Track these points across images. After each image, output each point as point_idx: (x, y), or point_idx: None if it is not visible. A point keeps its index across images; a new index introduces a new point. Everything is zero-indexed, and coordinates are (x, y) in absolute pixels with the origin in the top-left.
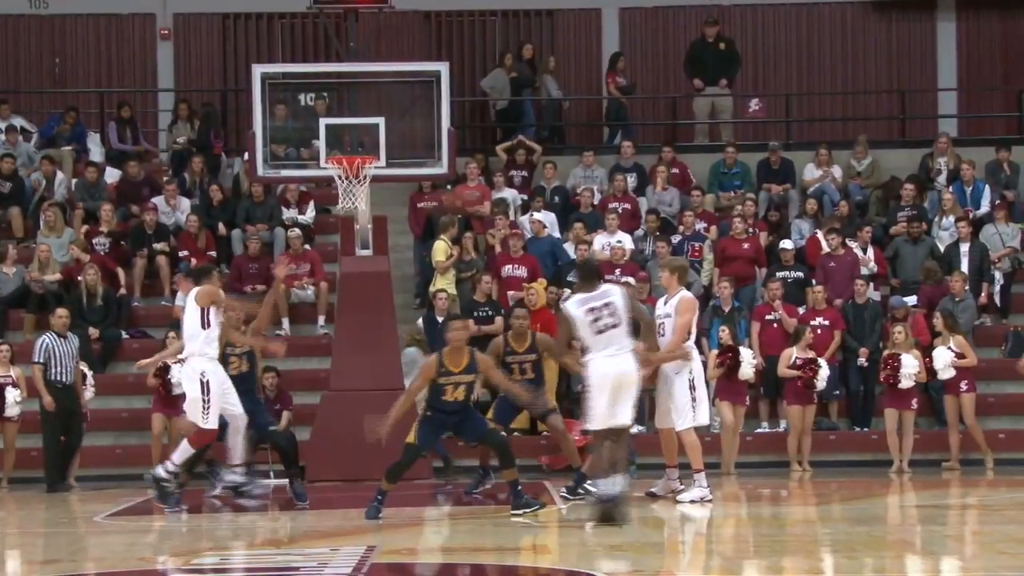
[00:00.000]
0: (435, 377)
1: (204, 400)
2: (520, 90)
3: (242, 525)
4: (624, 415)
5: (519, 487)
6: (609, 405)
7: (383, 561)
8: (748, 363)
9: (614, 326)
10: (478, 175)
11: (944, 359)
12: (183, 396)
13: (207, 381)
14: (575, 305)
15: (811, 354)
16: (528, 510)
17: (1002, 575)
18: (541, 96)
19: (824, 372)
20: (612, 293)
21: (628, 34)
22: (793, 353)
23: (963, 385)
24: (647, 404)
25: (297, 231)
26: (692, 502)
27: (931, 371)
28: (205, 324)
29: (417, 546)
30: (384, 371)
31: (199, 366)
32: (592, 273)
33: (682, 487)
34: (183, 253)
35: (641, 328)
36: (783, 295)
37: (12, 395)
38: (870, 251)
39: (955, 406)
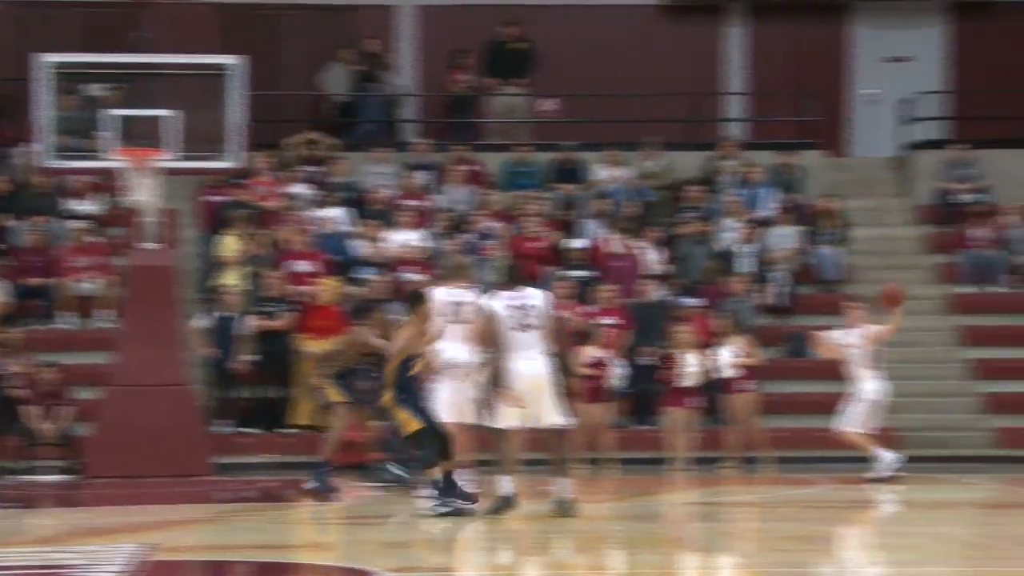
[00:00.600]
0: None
1: None
2: (363, 84)
3: (14, 522)
4: (552, 416)
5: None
6: (524, 406)
7: (161, 558)
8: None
9: (533, 328)
10: (268, 169)
11: (726, 358)
12: None
13: None
14: (499, 302)
15: (603, 353)
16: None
17: (776, 571)
18: (384, 91)
19: (617, 370)
20: (535, 296)
21: (424, 29)
22: (587, 352)
23: (744, 384)
24: None
25: (83, 223)
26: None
27: (711, 370)
28: None
29: (197, 543)
30: (168, 367)
31: None
32: (518, 274)
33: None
34: None
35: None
36: (572, 294)
37: None
38: (657, 251)
39: (736, 404)
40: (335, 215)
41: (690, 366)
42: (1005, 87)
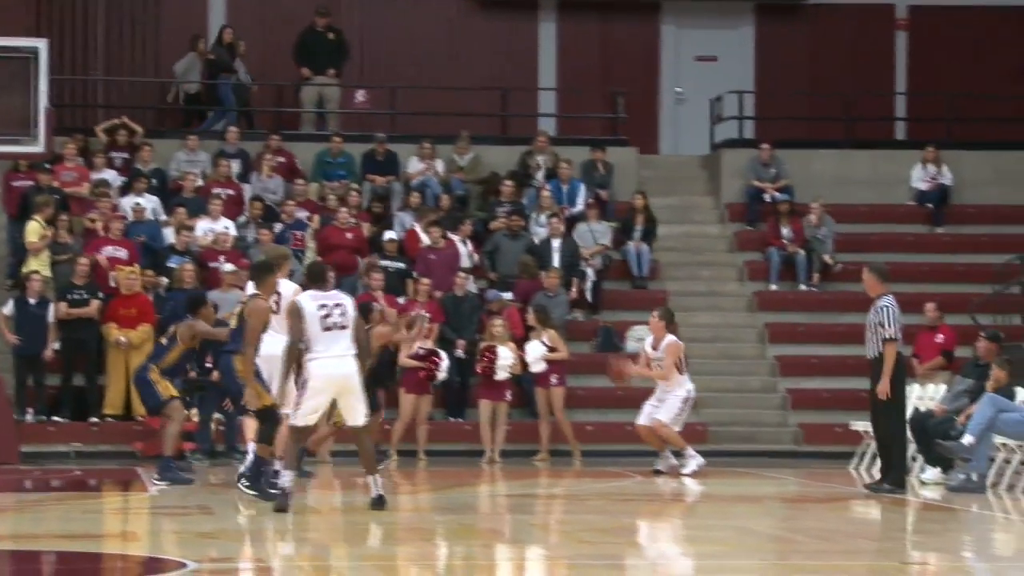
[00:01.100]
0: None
1: None
2: (217, 74)
3: None
4: (356, 417)
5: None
6: (323, 406)
7: None
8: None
9: (342, 327)
10: (76, 155)
11: (536, 352)
12: None
13: None
14: (307, 300)
15: (431, 344)
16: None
17: (583, 563)
18: (237, 80)
19: (446, 363)
20: (343, 297)
21: (235, 17)
22: (415, 344)
23: (553, 378)
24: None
25: None
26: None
27: (524, 364)
28: None
29: (2, 532)
30: None
31: None
32: (322, 273)
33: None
34: None
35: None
36: (384, 286)
37: None
38: (469, 245)
39: (546, 398)
40: (144, 202)
41: (504, 359)
42: (809, 88)
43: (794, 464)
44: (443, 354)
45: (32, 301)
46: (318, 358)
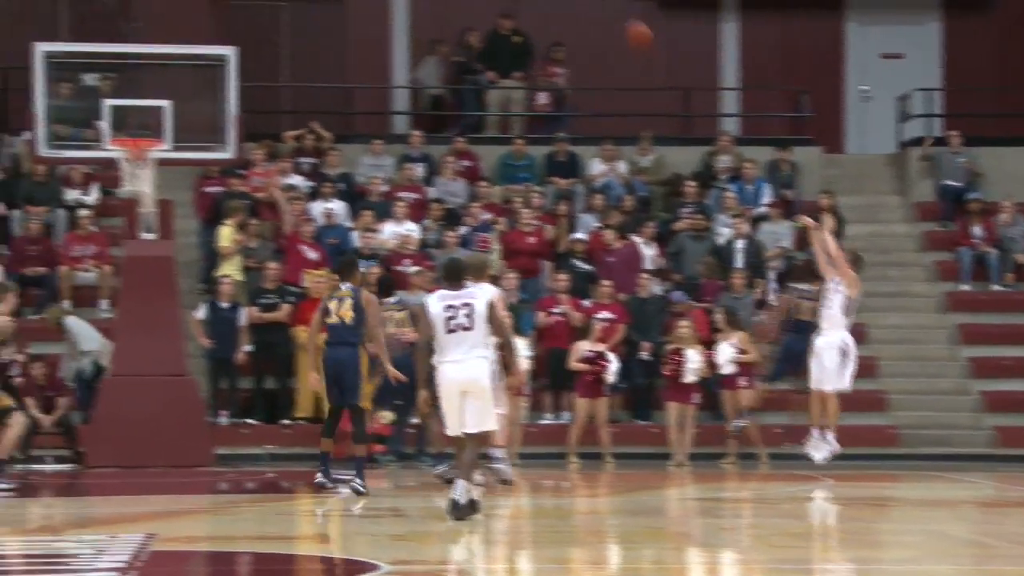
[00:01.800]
0: None
1: None
2: (461, 77)
3: (16, 511)
4: (472, 422)
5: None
6: (458, 412)
7: (162, 549)
8: (523, 355)
9: (466, 329)
10: (264, 161)
11: (727, 355)
12: None
13: None
14: (435, 301)
15: (601, 347)
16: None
17: (775, 567)
18: (480, 84)
19: (614, 365)
20: (475, 296)
21: (418, 23)
22: (584, 346)
23: (742, 381)
24: None
25: (84, 211)
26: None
27: (712, 366)
28: None
29: (199, 533)
30: (166, 356)
31: None
32: (458, 272)
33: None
34: None
35: (502, 343)
36: (569, 288)
37: None
38: (654, 246)
39: (733, 401)
40: (331, 206)
41: (691, 362)
42: (999, 84)
43: (989, 468)
44: (612, 356)
45: (224, 305)
46: (442, 364)
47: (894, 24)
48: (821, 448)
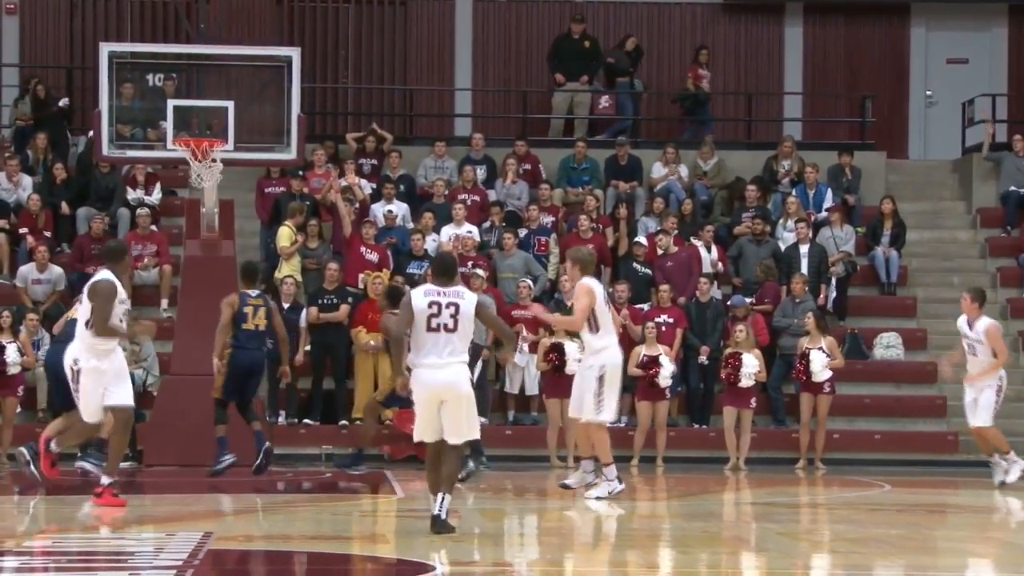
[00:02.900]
0: None
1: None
2: (614, 80)
3: (76, 508)
4: (453, 432)
5: None
6: (433, 419)
7: (219, 547)
8: (573, 359)
9: (449, 330)
10: (325, 162)
11: (821, 361)
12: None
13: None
14: (420, 295)
15: (658, 351)
16: None
17: (831, 573)
18: (634, 88)
19: (666, 369)
20: (463, 296)
21: (481, 26)
22: (642, 351)
23: (826, 386)
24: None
25: (146, 210)
26: (599, 498)
27: (807, 373)
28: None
29: (255, 533)
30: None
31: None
32: (449, 267)
33: (595, 480)
34: (23, 231)
35: (503, 341)
36: (630, 295)
37: None
38: (714, 250)
39: (811, 404)
40: (395, 208)
41: (748, 366)
42: None
43: None
44: (666, 360)
45: (285, 305)
46: (419, 367)
47: (959, 30)
48: (1013, 469)
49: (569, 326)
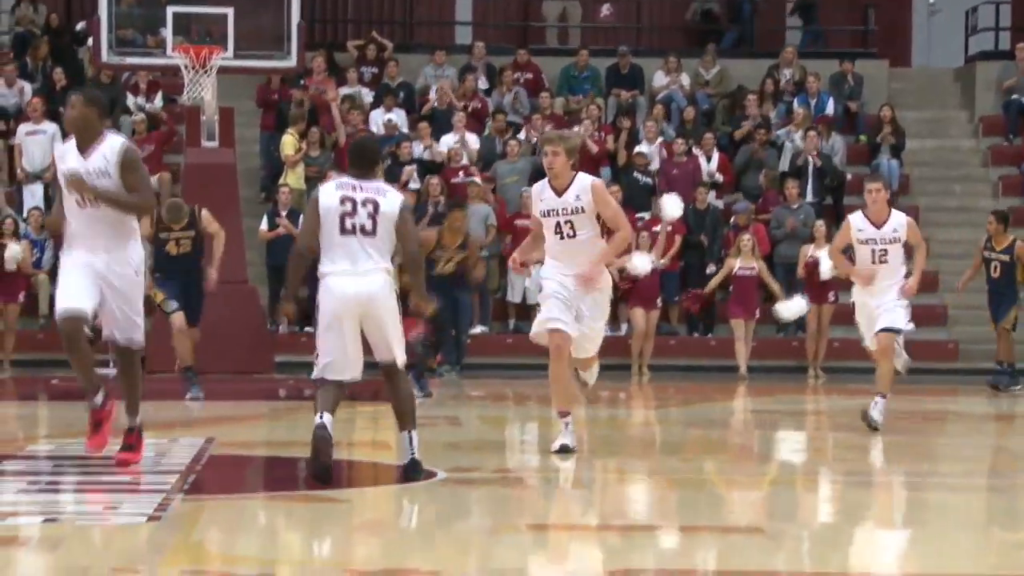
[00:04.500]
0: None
1: None
2: None
3: (81, 414)
4: (385, 349)
5: None
6: (348, 344)
7: (221, 453)
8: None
9: (367, 232)
10: (324, 70)
11: (828, 263)
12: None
13: None
14: (331, 189)
15: (653, 260)
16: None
17: (834, 479)
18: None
19: (642, 267)
20: (384, 193)
21: None
22: (637, 260)
23: (830, 296)
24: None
25: (141, 116)
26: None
27: (816, 277)
28: None
29: (256, 439)
30: (229, 265)
31: None
32: (367, 154)
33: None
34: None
35: (406, 262)
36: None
37: None
38: (714, 159)
39: (817, 315)
40: (395, 118)
41: (826, 264)
42: None
43: None
44: (645, 262)
45: (283, 213)
46: (329, 276)
47: None
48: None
49: (624, 244)
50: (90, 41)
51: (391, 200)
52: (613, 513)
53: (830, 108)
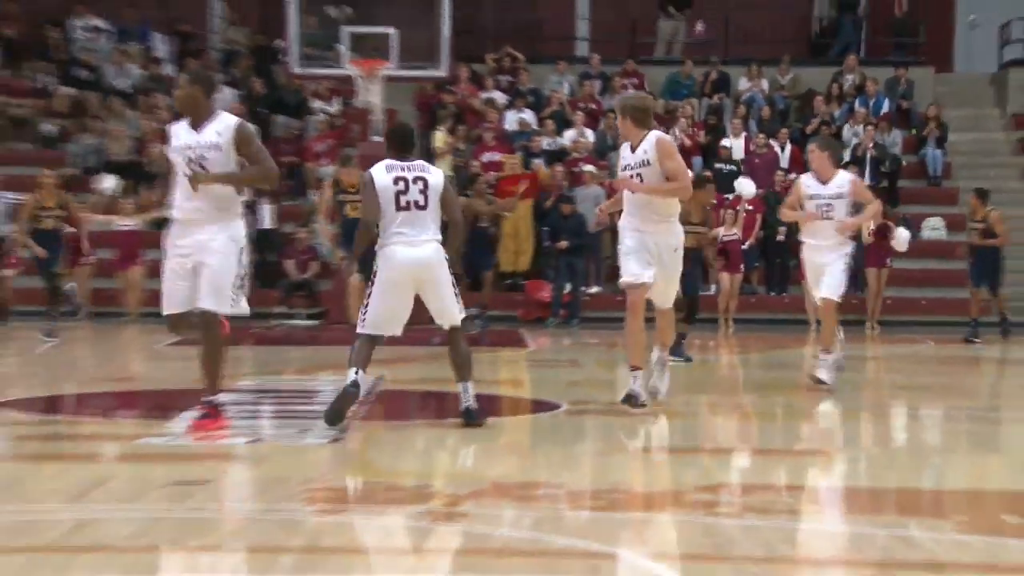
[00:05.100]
0: None
1: None
2: (843, 10)
3: (277, 355)
4: (443, 315)
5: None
6: (398, 307)
7: (389, 388)
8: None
9: (420, 207)
10: (467, 78)
11: (904, 237)
12: None
13: None
14: (382, 171)
15: (734, 232)
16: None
17: (885, 412)
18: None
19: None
20: (428, 170)
21: None
22: (720, 232)
23: (887, 261)
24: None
25: (323, 116)
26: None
27: (887, 245)
28: None
29: (417, 376)
30: None
31: None
32: (407, 137)
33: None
34: None
35: (449, 230)
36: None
37: None
38: (787, 149)
39: (877, 277)
40: (523, 116)
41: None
42: None
43: None
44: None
45: None
46: (388, 245)
47: None
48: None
49: (683, 191)
50: (282, 56)
51: (436, 175)
52: (703, 438)
53: (885, 107)
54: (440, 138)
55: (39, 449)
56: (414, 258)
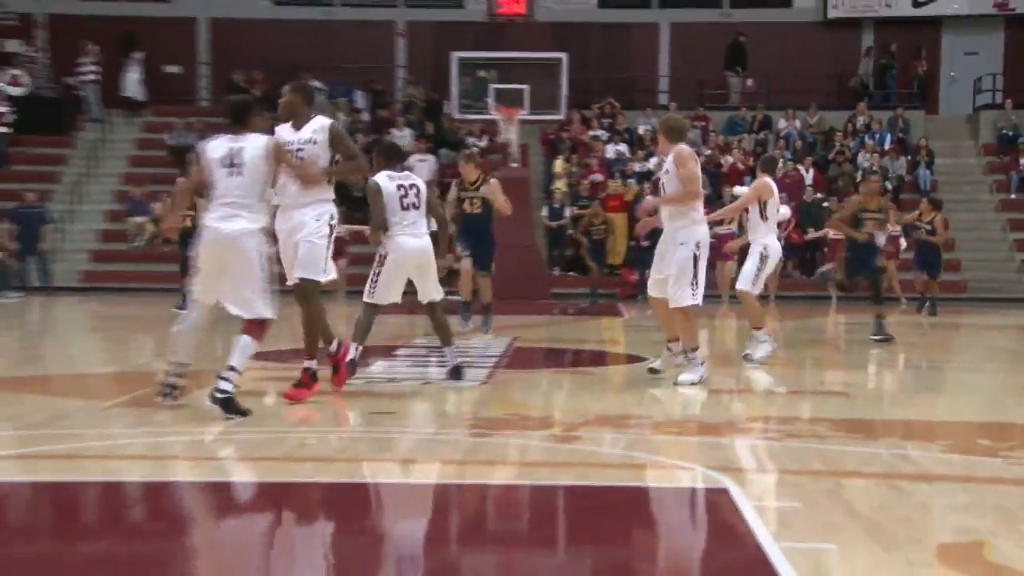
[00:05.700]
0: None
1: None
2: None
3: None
4: (431, 291)
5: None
6: (396, 284)
7: (521, 346)
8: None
9: (416, 208)
10: (578, 120)
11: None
12: None
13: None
14: (386, 180)
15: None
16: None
17: (899, 363)
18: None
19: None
20: (415, 179)
21: (678, 40)
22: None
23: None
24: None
25: (475, 149)
26: (692, 384)
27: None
28: None
29: (542, 337)
30: (524, 234)
31: None
32: (395, 153)
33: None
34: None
35: (438, 226)
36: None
37: None
38: (811, 172)
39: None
40: (620, 148)
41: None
42: None
43: None
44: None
45: (556, 205)
46: (398, 235)
47: (974, 35)
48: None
49: (682, 199)
50: (446, 106)
51: (422, 183)
52: (746, 379)
53: (887, 142)
54: (559, 164)
55: (277, 387)
56: (417, 247)
